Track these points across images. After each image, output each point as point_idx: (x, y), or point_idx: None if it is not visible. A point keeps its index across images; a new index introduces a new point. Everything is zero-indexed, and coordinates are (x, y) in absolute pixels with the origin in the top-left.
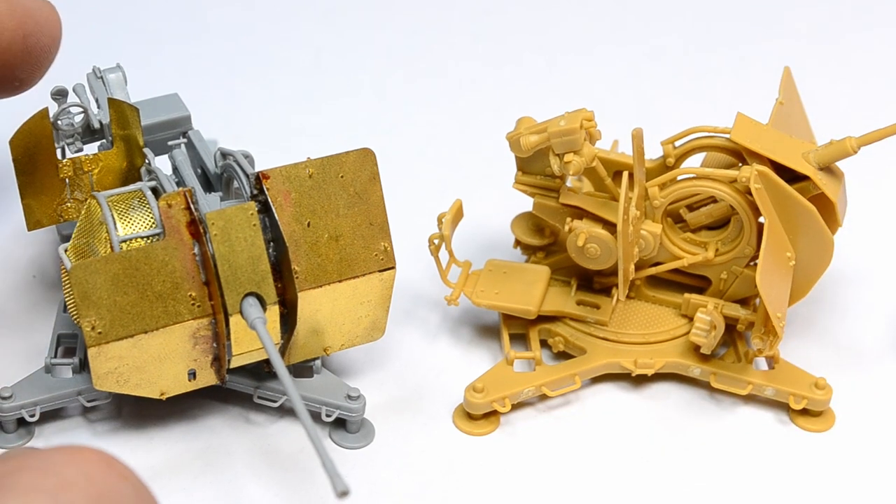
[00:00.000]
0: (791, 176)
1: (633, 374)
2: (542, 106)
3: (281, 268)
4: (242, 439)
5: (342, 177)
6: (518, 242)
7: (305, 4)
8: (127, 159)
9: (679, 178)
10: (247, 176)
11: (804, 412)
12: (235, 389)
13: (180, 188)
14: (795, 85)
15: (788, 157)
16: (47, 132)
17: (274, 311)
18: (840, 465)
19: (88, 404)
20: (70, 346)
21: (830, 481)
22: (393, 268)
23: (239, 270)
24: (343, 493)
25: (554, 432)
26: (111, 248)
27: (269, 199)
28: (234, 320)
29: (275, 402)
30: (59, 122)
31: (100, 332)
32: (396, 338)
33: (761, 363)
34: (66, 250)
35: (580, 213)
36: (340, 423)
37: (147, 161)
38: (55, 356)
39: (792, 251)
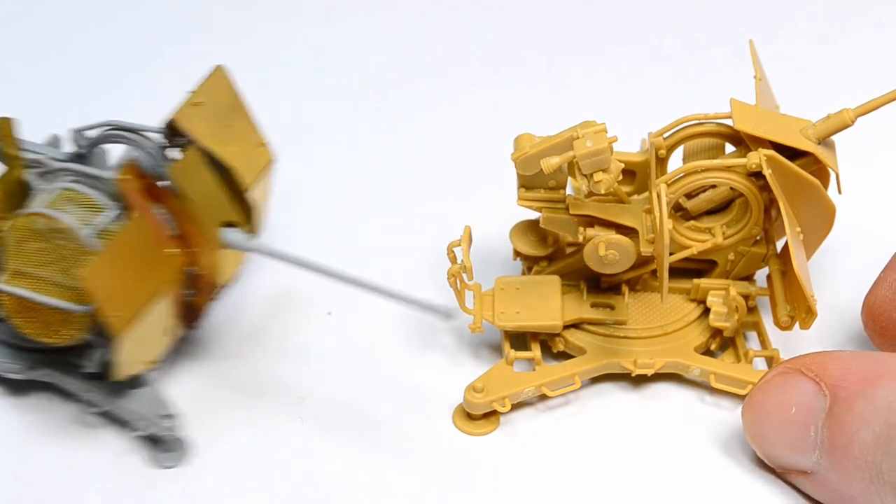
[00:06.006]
0: (791, 153)
1: (633, 375)
2: (542, 106)
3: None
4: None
5: (216, 97)
6: (518, 254)
7: (306, 4)
8: (11, 174)
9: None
10: (163, 128)
11: None
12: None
13: (124, 164)
14: (759, 57)
15: (789, 136)
16: None
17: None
18: None
19: None
20: None
21: None
22: (273, 160)
23: (211, 209)
24: (448, 316)
25: (554, 432)
26: (83, 246)
27: (190, 137)
28: (224, 253)
29: (100, 407)
30: None
31: (123, 320)
32: (395, 337)
33: (760, 363)
34: (5, 281)
35: (590, 221)
36: (156, 440)
37: (35, 163)
38: None
39: (799, 226)
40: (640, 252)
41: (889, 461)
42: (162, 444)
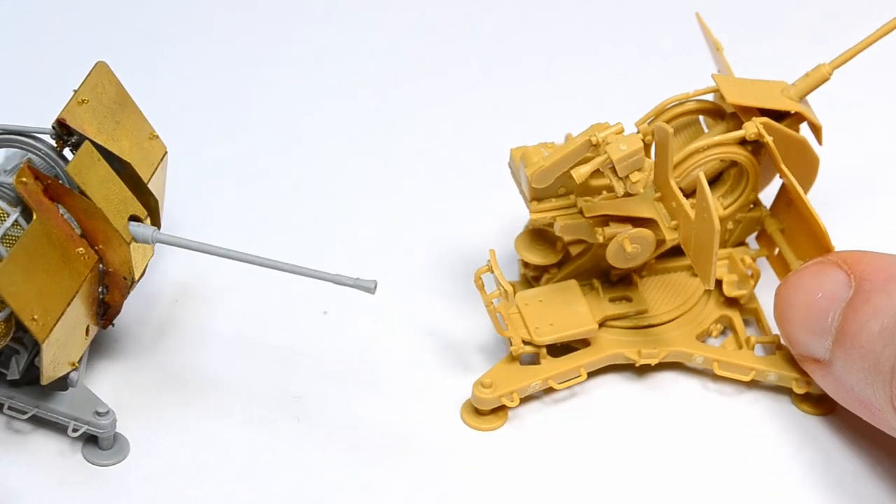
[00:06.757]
0: (776, 115)
1: (637, 365)
2: (541, 106)
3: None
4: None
5: (101, 94)
6: (526, 265)
7: (306, 4)
8: None
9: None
10: (52, 128)
11: (807, 396)
12: None
13: (20, 166)
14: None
15: (773, 100)
16: None
17: (148, 221)
18: (844, 448)
19: None
20: None
21: (834, 463)
22: (166, 151)
23: (113, 204)
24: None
25: (562, 425)
26: None
27: (82, 135)
28: (132, 247)
29: (25, 413)
30: None
31: (42, 323)
32: (403, 333)
33: (761, 350)
34: None
35: (605, 219)
36: (93, 440)
37: None
38: None
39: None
40: (667, 240)
41: (888, 351)
42: (101, 442)
